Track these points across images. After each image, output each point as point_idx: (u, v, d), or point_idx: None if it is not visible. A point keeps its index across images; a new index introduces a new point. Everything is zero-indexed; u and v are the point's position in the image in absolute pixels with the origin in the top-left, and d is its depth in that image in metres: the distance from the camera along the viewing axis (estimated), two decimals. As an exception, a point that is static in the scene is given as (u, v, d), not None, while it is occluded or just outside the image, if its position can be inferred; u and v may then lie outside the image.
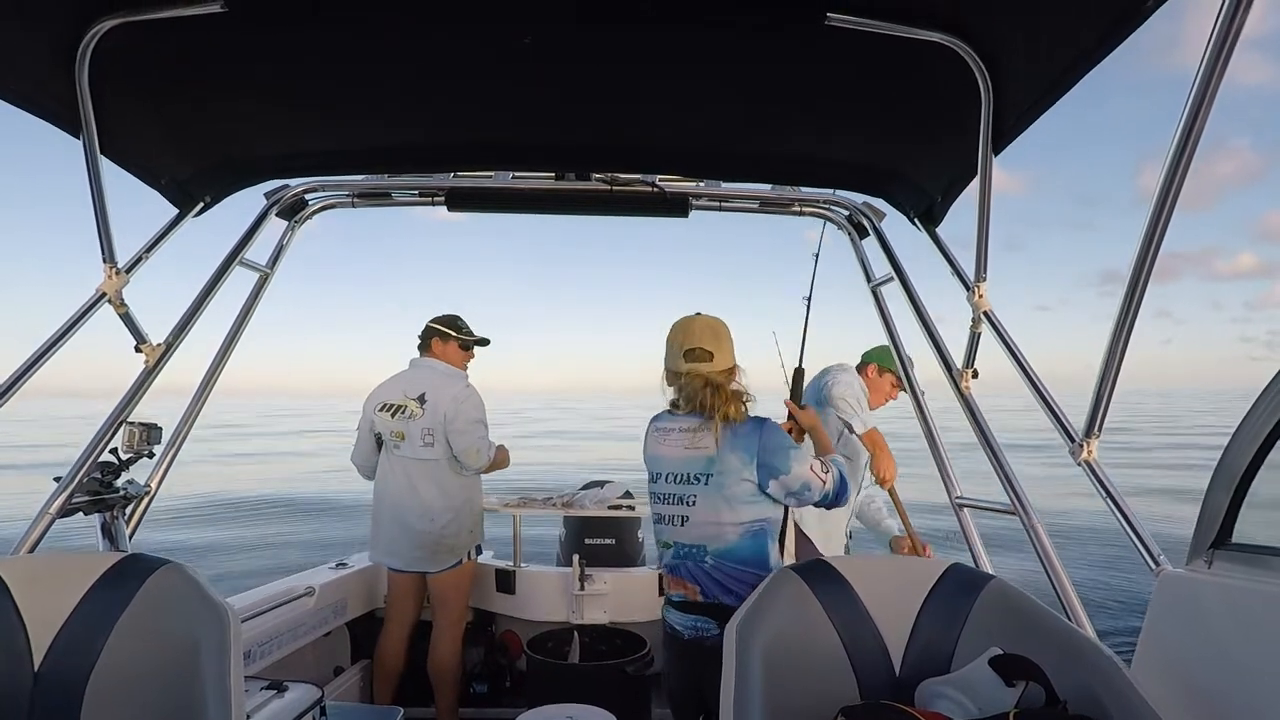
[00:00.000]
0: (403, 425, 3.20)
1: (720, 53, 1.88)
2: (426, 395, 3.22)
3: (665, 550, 2.18)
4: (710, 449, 2.09)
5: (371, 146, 2.52)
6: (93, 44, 1.77)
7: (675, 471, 2.15)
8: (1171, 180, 1.44)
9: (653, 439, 2.25)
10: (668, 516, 2.16)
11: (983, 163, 1.98)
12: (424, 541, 3.17)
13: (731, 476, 2.06)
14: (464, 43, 1.86)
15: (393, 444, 3.21)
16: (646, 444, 2.28)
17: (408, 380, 3.29)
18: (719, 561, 2.06)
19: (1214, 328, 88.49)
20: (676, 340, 2.19)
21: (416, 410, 3.20)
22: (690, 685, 2.12)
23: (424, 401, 3.21)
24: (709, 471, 2.08)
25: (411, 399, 3.22)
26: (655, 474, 2.22)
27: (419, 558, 3.19)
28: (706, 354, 2.15)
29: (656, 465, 2.21)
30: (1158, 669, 1.71)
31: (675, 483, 2.15)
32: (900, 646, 1.63)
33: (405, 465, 3.20)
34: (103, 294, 2.22)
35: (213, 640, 1.43)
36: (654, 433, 2.25)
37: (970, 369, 2.38)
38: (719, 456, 2.08)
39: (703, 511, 2.09)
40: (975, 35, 1.72)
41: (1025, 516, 2.03)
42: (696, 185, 2.96)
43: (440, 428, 3.19)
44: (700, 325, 2.20)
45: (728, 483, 2.07)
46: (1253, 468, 1.62)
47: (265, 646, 2.77)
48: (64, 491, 2.12)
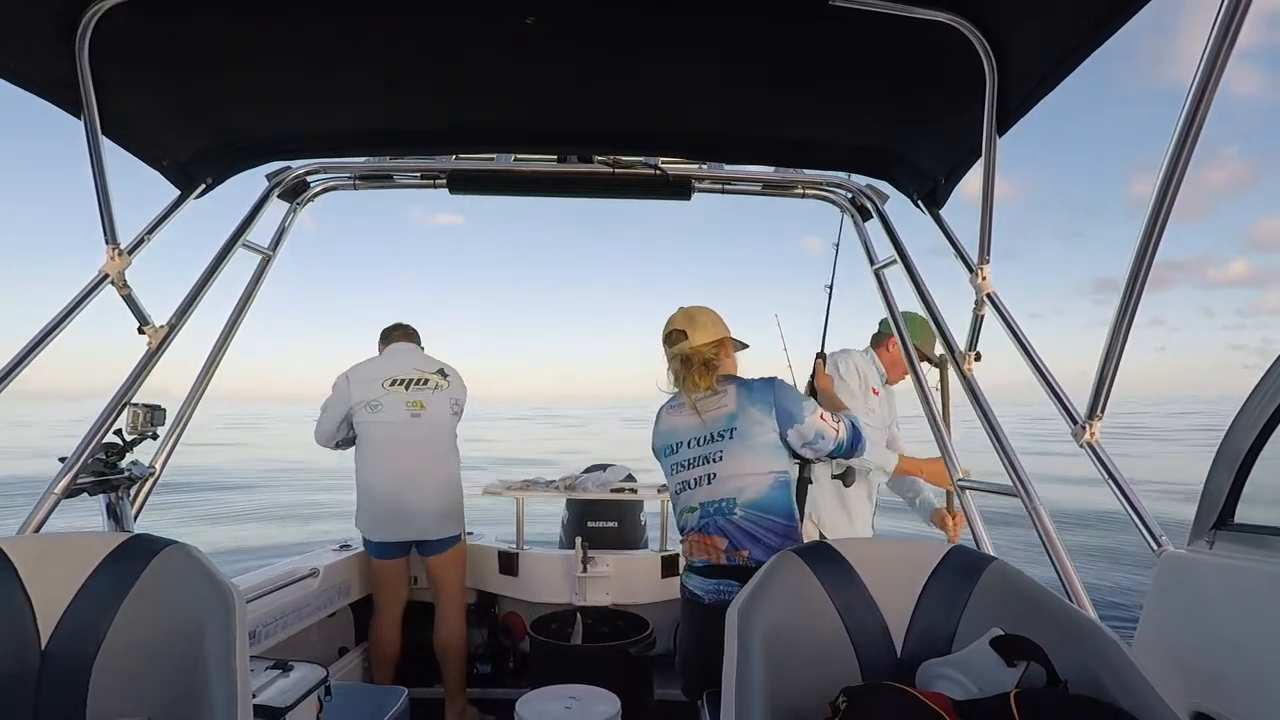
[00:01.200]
0: (424, 395, 3.31)
1: (724, 34, 1.87)
2: (446, 371, 3.41)
3: (689, 515, 2.24)
4: (729, 406, 2.22)
5: (373, 129, 2.51)
6: (93, 23, 1.75)
7: (697, 435, 2.24)
8: (1180, 153, 1.43)
9: (666, 418, 2.36)
10: (693, 481, 2.24)
11: (987, 144, 1.96)
12: (438, 511, 3.24)
13: (756, 427, 2.18)
14: (466, 25, 1.85)
15: (407, 412, 3.25)
16: (659, 425, 2.38)
17: (414, 359, 3.40)
18: (748, 512, 2.14)
19: (1206, 335, 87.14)
20: (665, 329, 2.37)
21: (441, 383, 3.37)
22: (707, 651, 2.15)
23: (445, 375, 3.39)
24: (732, 426, 2.19)
25: (432, 373, 3.37)
26: (674, 445, 2.30)
27: (426, 526, 3.23)
28: (680, 334, 2.32)
29: (674, 437, 2.30)
30: (1158, 648, 1.72)
31: (699, 445, 2.24)
32: (902, 628, 1.63)
33: (416, 436, 3.26)
34: (105, 275, 2.22)
35: (218, 620, 1.44)
36: (666, 414, 2.36)
37: (973, 351, 2.38)
38: (740, 411, 2.20)
39: (730, 464, 2.18)
40: (980, 15, 1.70)
41: (1027, 498, 2.03)
42: (699, 167, 2.95)
43: (463, 400, 3.43)
44: (678, 313, 2.38)
45: (753, 432, 2.18)
46: (1255, 449, 1.62)
47: (270, 627, 2.79)
48: (69, 472, 2.13)
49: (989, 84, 1.84)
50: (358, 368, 3.34)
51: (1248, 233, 62.20)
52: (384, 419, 3.25)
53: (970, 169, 2.36)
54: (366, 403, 3.25)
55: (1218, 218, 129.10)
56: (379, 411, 3.24)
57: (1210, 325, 68.65)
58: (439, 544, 3.28)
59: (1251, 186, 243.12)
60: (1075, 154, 69.97)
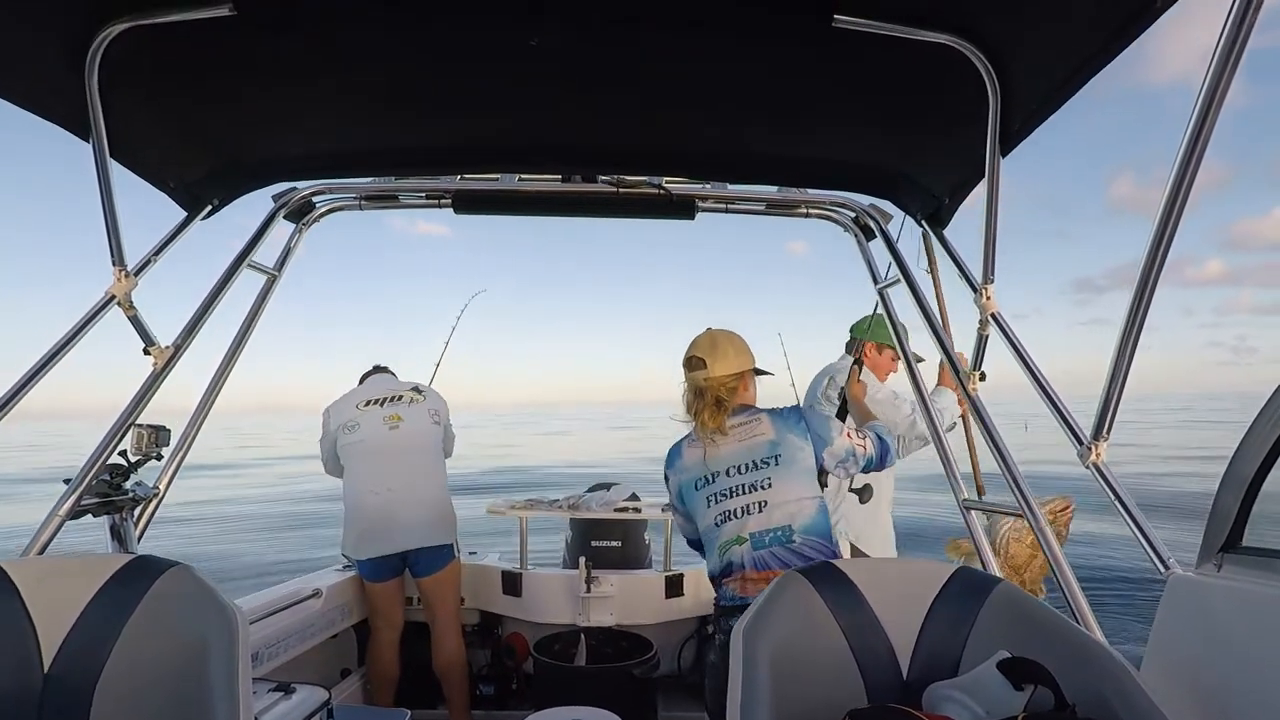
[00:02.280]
0: (400, 409, 3.35)
1: (727, 55, 1.88)
2: (421, 389, 3.49)
3: (737, 547, 2.15)
4: (768, 434, 2.21)
5: (378, 149, 2.53)
6: (102, 48, 1.77)
7: (738, 463, 2.20)
8: (1181, 180, 1.43)
9: (689, 452, 2.31)
10: (739, 509, 2.17)
11: (990, 165, 1.97)
12: (425, 519, 3.24)
13: (798, 452, 2.18)
14: (470, 46, 1.87)
15: (385, 426, 3.29)
16: (681, 461, 2.32)
17: (387, 382, 3.52)
18: (805, 538, 2.12)
19: (1185, 334, 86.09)
20: (687, 352, 2.33)
21: (416, 397, 3.43)
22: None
23: (420, 391, 3.47)
24: (776, 453, 2.18)
25: (406, 390, 3.45)
26: (708, 475, 2.24)
27: (424, 533, 3.23)
28: (700, 362, 2.27)
29: (706, 468, 2.24)
30: (1167, 672, 1.70)
31: (740, 473, 2.19)
32: (908, 650, 1.62)
33: (395, 448, 3.28)
34: (112, 296, 2.23)
35: (221, 642, 1.43)
36: (688, 448, 2.32)
37: (978, 371, 2.38)
38: (779, 438, 2.19)
39: (781, 490, 2.15)
40: (983, 37, 1.71)
41: (1033, 519, 2.02)
42: (703, 187, 2.97)
43: (443, 412, 3.49)
44: (702, 337, 2.33)
45: (797, 458, 2.18)
46: (1262, 471, 1.61)
47: (273, 648, 2.78)
48: (73, 493, 2.13)
49: (991, 105, 1.85)
50: (335, 401, 3.43)
51: (1224, 232, 59.86)
52: (361, 437, 3.29)
53: (973, 189, 2.36)
54: (344, 425, 3.31)
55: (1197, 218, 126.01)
56: (356, 431, 3.29)
57: (1188, 324, 66.89)
58: (430, 559, 3.25)
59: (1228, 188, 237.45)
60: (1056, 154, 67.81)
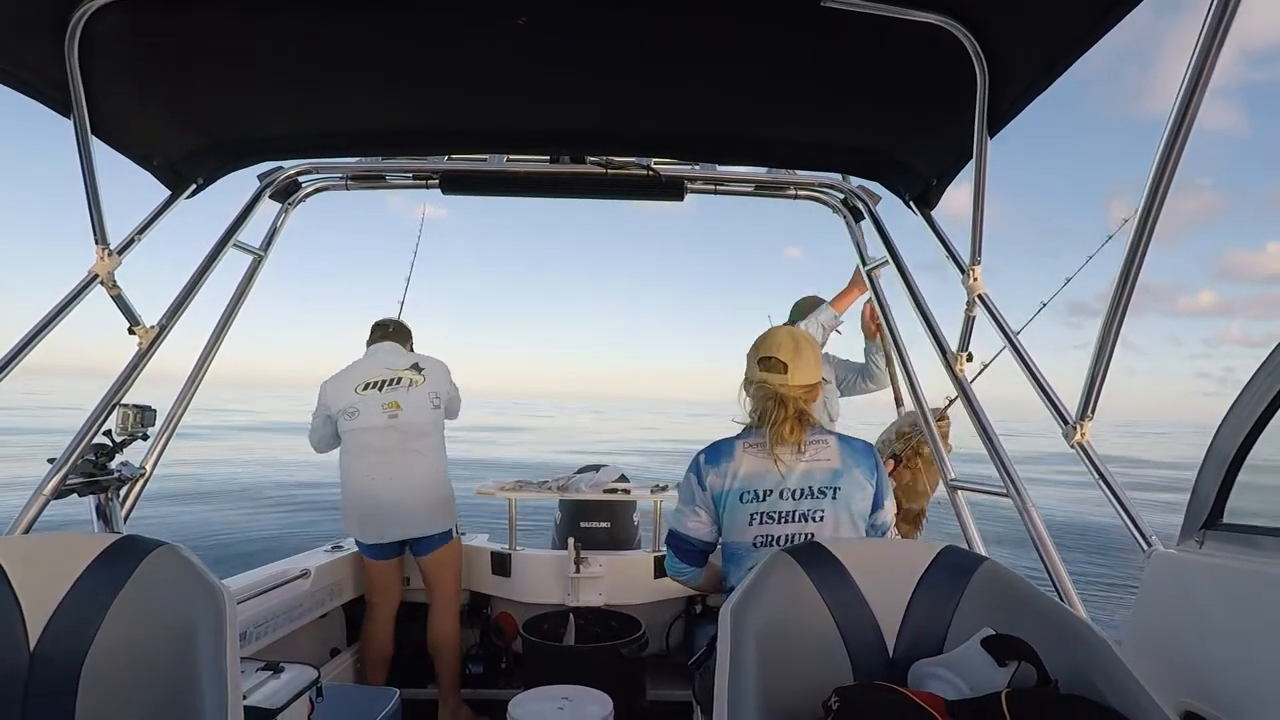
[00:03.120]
0: (398, 395, 3.26)
1: (715, 35, 1.87)
2: (420, 364, 3.38)
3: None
4: (833, 461, 2.04)
5: (365, 129, 2.51)
6: (83, 22, 1.74)
7: (796, 486, 2.02)
8: (1169, 152, 1.44)
9: (750, 455, 2.07)
10: (784, 538, 2.00)
11: (978, 145, 1.97)
12: (425, 507, 3.22)
13: (858, 492, 2.04)
14: (458, 24, 1.85)
15: (384, 414, 3.23)
16: (732, 464, 2.08)
17: (385, 359, 3.37)
18: None
19: (1174, 362, 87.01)
20: (756, 348, 2.14)
21: (417, 378, 3.33)
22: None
23: (420, 369, 3.36)
24: (836, 485, 2.02)
25: (404, 369, 3.34)
26: (760, 491, 2.03)
27: (415, 523, 3.22)
28: (780, 364, 2.07)
29: (762, 482, 2.03)
30: (1147, 647, 1.72)
31: (794, 498, 2.01)
32: (894, 628, 1.64)
33: (395, 437, 3.22)
34: (95, 275, 2.21)
35: (209, 621, 1.43)
36: (749, 449, 2.08)
37: (965, 352, 2.39)
38: (844, 469, 2.03)
39: (830, 527, 2.00)
40: (971, 17, 1.71)
41: (1019, 499, 2.04)
42: (691, 168, 2.95)
43: (444, 392, 3.40)
44: (781, 334, 2.14)
45: (855, 497, 2.03)
46: (1243, 449, 1.63)
47: (262, 628, 2.78)
48: (58, 473, 2.12)
49: (980, 86, 1.84)
50: (334, 376, 3.36)
51: (1217, 263, 60.64)
52: (361, 424, 3.24)
53: (962, 170, 2.36)
54: (344, 411, 3.26)
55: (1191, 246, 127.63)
56: (356, 418, 3.24)
57: (1178, 353, 67.75)
58: (429, 541, 3.27)
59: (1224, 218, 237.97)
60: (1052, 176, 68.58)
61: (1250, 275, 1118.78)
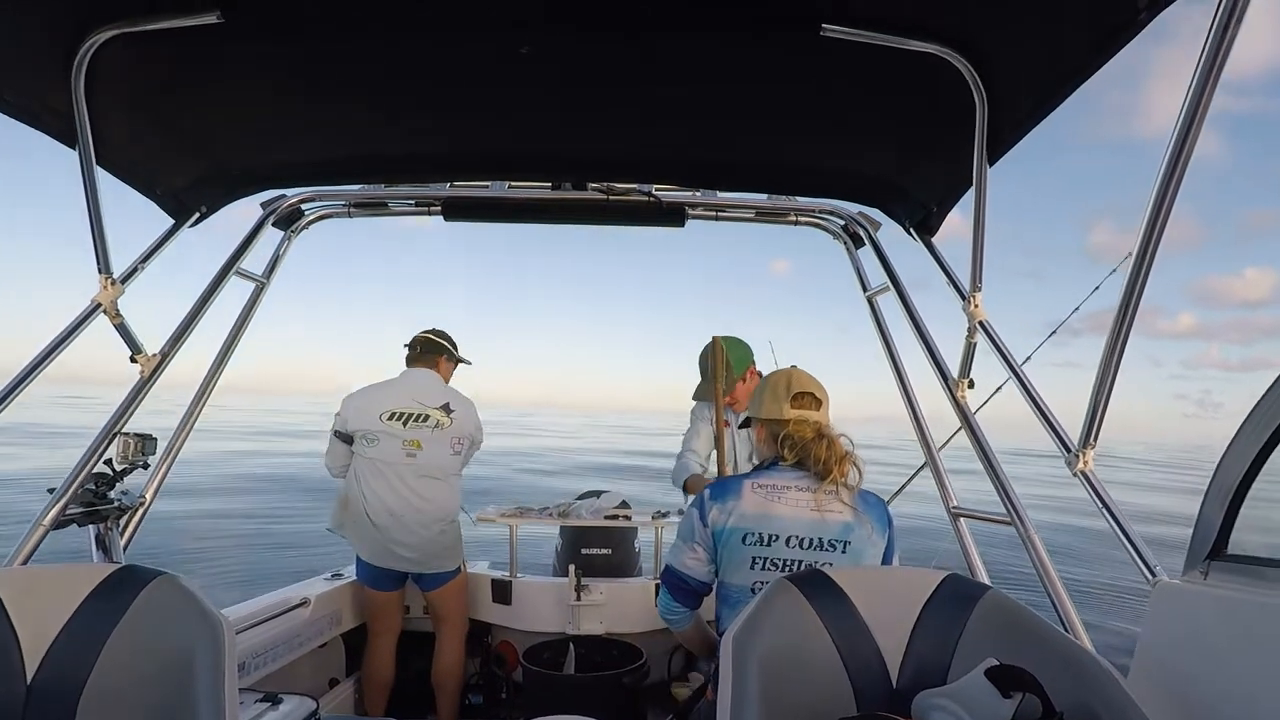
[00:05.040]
0: (422, 434, 3.15)
1: (716, 63, 1.89)
2: (452, 406, 3.24)
3: None
4: (845, 514, 1.95)
5: (367, 156, 2.53)
6: (89, 55, 1.76)
7: (802, 536, 1.93)
8: (1170, 177, 1.45)
9: (758, 496, 1.97)
10: None
11: (978, 173, 1.98)
12: (434, 548, 3.18)
13: (870, 548, 1.96)
14: (460, 53, 1.87)
15: (403, 452, 3.13)
16: (739, 504, 1.98)
17: (417, 390, 3.23)
18: None
19: (1153, 384, 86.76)
20: (780, 386, 2.05)
21: (444, 420, 3.20)
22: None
23: (450, 411, 3.22)
24: (846, 539, 1.93)
25: (434, 408, 3.20)
26: (765, 536, 1.95)
27: (422, 561, 3.18)
28: (815, 401, 2.02)
29: (768, 525, 1.95)
30: (1154, 680, 1.71)
31: (803, 548, 1.93)
32: (897, 657, 1.62)
33: (409, 476, 3.14)
34: (98, 304, 2.22)
35: (207, 652, 1.42)
36: (757, 489, 1.98)
37: (966, 379, 2.39)
38: (857, 522, 1.95)
39: None
40: (970, 47, 1.73)
41: (1021, 527, 2.03)
42: (693, 195, 2.97)
43: (469, 438, 3.29)
44: (800, 373, 2.09)
45: (866, 553, 1.95)
46: (1247, 480, 1.63)
47: (260, 658, 2.76)
48: (58, 502, 2.11)
49: (979, 115, 1.86)
50: (360, 393, 3.23)
51: (1197, 287, 60.48)
52: (378, 455, 3.14)
53: (962, 198, 2.38)
54: (363, 434, 3.17)
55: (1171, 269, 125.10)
56: (375, 446, 3.14)
57: (1158, 375, 67.16)
58: (436, 577, 3.24)
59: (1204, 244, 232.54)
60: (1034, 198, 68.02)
61: (1228, 300, 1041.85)
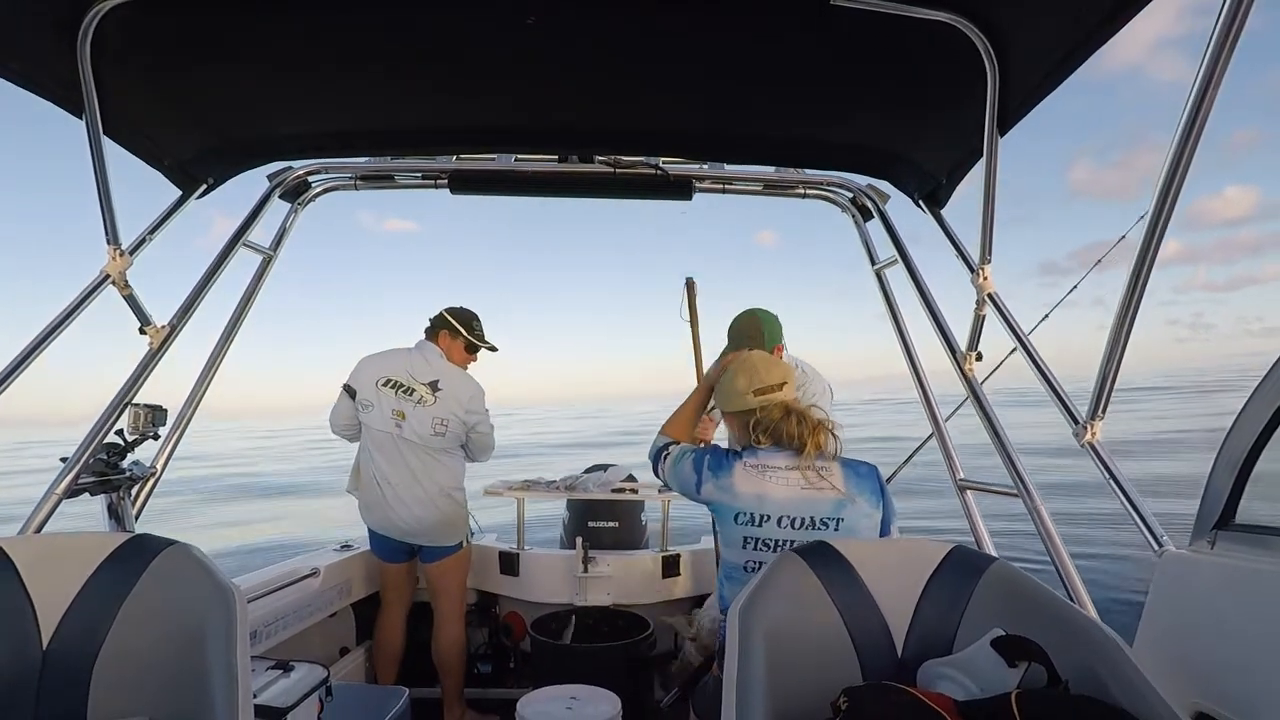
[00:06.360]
0: (406, 406, 3.16)
1: (724, 34, 1.87)
2: (440, 384, 3.21)
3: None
4: (837, 489, 1.94)
5: (374, 129, 2.52)
6: (95, 23, 1.76)
7: (794, 515, 1.92)
8: (1177, 164, 1.43)
9: (748, 475, 1.97)
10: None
11: (988, 144, 1.97)
12: (429, 521, 3.19)
13: (864, 520, 1.95)
14: (467, 24, 1.85)
15: (392, 421, 3.15)
16: (732, 480, 1.97)
17: (414, 362, 3.24)
18: None
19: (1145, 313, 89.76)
20: (739, 379, 2.06)
21: (428, 397, 3.18)
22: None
23: (436, 389, 3.20)
24: (839, 515, 1.93)
25: (422, 383, 3.19)
26: (756, 516, 1.94)
27: (419, 533, 3.20)
28: (773, 388, 2.02)
29: (760, 506, 1.94)
30: (1159, 647, 1.72)
31: (794, 528, 1.92)
32: (903, 628, 1.63)
33: (401, 447, 3.17)
34: (107, 276, 2.22)
35: (219, 620, 1.44)
36: (747, 469, 1.97)
37: (974, 351, 2.38)
38: (849, 499, 1.94)
39: None
40: (982, 15, 1.70)
41: (1028, 498, 2.03)
42: (700, 167, 2.95)
43: (457, 420, 3.21)
44: (761, 361, 2.08)
45: (861, 527, 1.94)
46: (1256, 449, 1.62)
47: (271, 627, 2.79)
48: (70, 472, 2.13)
49: (990, 84, 1.84)
50: (371, 356, 3.26)
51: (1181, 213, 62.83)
52: (370, 421, 3.18)
53: (972, 169, 2.36)
54: (361, 399, 3.20)
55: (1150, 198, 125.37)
56: (369, 411, 3.18)
57: (1149, 303, 68.95)
58: (434, 551, 3.25)
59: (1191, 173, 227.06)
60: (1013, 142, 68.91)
61: (1212, 220, 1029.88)
